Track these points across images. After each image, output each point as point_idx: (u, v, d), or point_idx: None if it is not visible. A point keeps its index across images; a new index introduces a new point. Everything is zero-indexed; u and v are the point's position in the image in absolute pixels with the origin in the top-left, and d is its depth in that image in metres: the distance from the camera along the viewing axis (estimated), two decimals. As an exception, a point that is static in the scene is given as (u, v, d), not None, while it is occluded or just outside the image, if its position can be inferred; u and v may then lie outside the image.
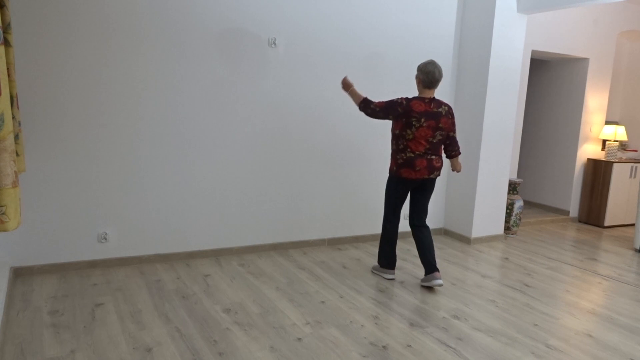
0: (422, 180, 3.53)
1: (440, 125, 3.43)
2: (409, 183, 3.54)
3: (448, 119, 3.48)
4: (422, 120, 3.38)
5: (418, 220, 3.67)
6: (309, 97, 4.26)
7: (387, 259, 3.75)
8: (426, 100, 3.42)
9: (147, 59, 3.60)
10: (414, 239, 3.67)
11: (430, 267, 3.57)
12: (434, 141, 3.45)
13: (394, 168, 3.53)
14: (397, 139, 3.48)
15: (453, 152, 3.66)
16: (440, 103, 3.46)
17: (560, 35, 5.61)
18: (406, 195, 3.64)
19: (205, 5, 3.72)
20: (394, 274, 3.77)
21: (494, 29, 4.60)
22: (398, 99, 3.44)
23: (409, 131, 3.41)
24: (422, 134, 3.40)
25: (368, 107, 3.50)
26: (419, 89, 3.50)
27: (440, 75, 3.41)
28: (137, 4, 3.50)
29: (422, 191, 3.62)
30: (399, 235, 4.95)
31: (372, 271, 3.90)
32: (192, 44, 3.73)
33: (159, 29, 3.60)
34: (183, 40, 3.69)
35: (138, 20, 3.52)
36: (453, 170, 3.76)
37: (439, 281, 3.52)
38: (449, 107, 3.51)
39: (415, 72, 4.71)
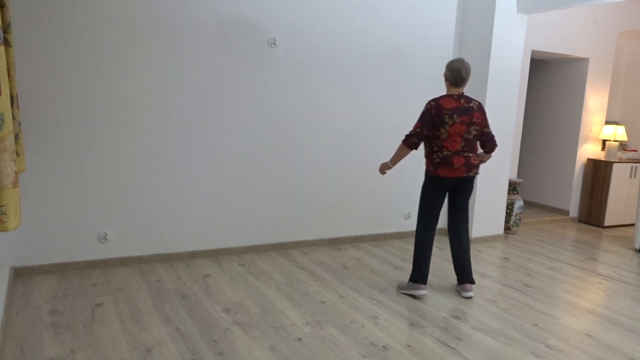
0: (461, 179, 3.37)
1: (473, 120, 3.30)
2: (447, 183, 3.37)
3: (480, 113, 3.35)
4: (455, 116, 3.26)
5: (457, 222, 3.53)
6: (309, 97, 4.26)
7: (421, 273, 3.43)
8: (455, 97, 3.31)
9: (147, 59, 3.60)
10: (453, 249, 3.53)
11: (466, 278, 3.49)
12: (470, 137, 3.32)
13: (431, 168, 3.37)
14: (431, 140, 3.34)
15: (491, 146, 3.48)
16: (470, 99, 3.35)
17: (560, 35, 5.61)
18: (444, 198, 3.45)
19: (205, 5, 3.72)
20: (425, 289, 3.44)
21: (494, 29, 4.60)
22: (426, 105, 3.32)
23: (442, 130, 3.27)
24: (456, 130, 3.27)
25: (410, 139, 3.31)
26: (446, 87, 3.38)
27: (468, 74, 3.30)
28: (136, 4, 3.50)
29: (460, 192, 3.46)
30: (400, 235, 4.95)
31: (398, 291, 3.53)
32: (191, 44, 3.73)
33: (158, 29, 3.60)
34: (183, 41, 3.69)
35: (138, 20, 3.52)
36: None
37: (470, 293, 3.46)
38: (480, 103, 3.39)
39: (414, 72, 4.71)
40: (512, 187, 5.28)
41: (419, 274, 3.42)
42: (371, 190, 4.72)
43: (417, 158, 4.90)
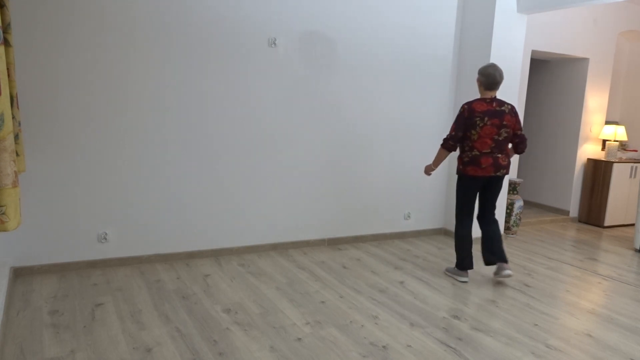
0: (489, 178, 3.63)
1: (504, 122, 3.52)
2: (477, 181, 3.63)
3: (512, 116, 3.56)
4: (486, 119, 3.48)
5: (487, 216, 3.78)
6: (309, 97, 4.26)
7: (463, 264, 3.76)
8: (487, 100, 3.54)
9: (147, 59, 3.60)
10: (485, 235, 3.76)
11: (500, 258, 3.72)
12: (500, 139, 3.54)
13: (460, 167, 3.64)
14: (462, 141, 3.60)
15: (523, 147, 3.70)
16: (502, 102, 3.57)
17: (560, 35, 5.61)
18: (476, 195, 3.72)
19: (205, 5, 3.72)
20: (468, 276, 3.78)
21: (494, 29, 4.60)
22: (460, 109, 3.58)
23: (473, 132, 3.52)
24: (487, 132, 3.50)
25: (447, 142, 3.60)
26: (480, 91, 3.62)
27: (501, 78, 3.54)
28: (136, 5, 3.50)
29: (490, 190, 3.71)
30: (400, 235, 4.95)
31: (445, 272, 3.93)
32: (191, 44, 3.73)
33: (158, 30, 3.60)
34: (183, 41, 3.69)
35: (138, 21, 3.52)
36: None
37: (509, 272, 3.66)
38: (512, 106, 3.60)
39: (414, 72, 4.71)
40: (512, 187, 5.28)
41: (461, 264, 3.77)
42: (371, 190, 4.72)
43: (418, 158, 4.91)
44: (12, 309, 2.93)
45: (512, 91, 4.85)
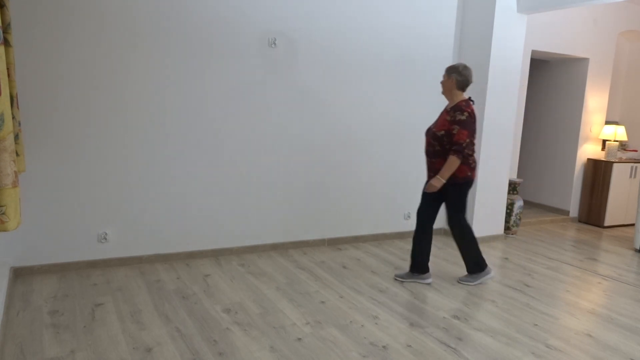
0: None
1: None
2: (472, 185, 3.58)
3: None
4: (475, 122, 3.44)
5: (433, 223, 3.70)
6: (308, 97, 4.26)
7: (479, 261, 3.68)
8: (471, 102, 3.49)
9: (147, 59, 3.60)
10: (426, 240, 3.68)
11: (427, 267, 3.71)
12: None
13: (469, 173, 3.47)
14: (468, 147, 3.36)
15: None
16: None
17: (560, 35, 5.61)
18: None
19: (205, 5, 3.72)
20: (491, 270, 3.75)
21: (494, 29, 4.60)
22: (463, 114, 3.35)
23: (475, 135, 3.45)
24: (475, 134, 3.47)
25: (462, 152, 3.34)
26: (452, 91, 3.45)
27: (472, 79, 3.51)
28: (137, 4, 3.50)
29: None
30: (400, 235, 4.95)
31: (467, 283, 3.70)
32: (191, 44, 3.73)
33: (158, 30, 3.60)
34: (183, 41, 3.69)
35: (138, 20, 3.52)
36: None
37: (431, 280, 3.77)
38: None
39: (414, 72, 4.70)
40: (512, 187, 5.28)
41: (482, 263, 3.69)
42: (371, 190, 4.72)
43: (418, 158, 4.90)
44: (12, 309, 2.93)
45: (512, 91, 4.85)
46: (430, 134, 3.52)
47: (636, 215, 5.07)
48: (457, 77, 3.41)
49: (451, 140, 3.38)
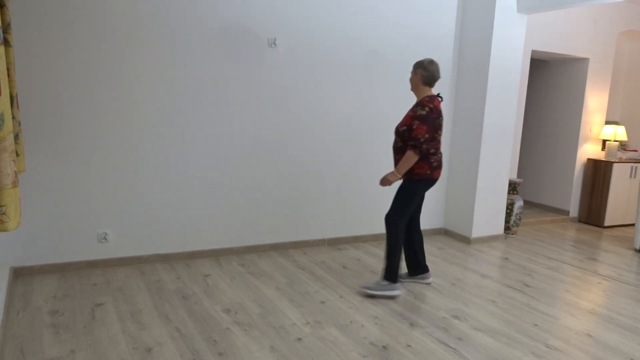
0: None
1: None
2: (434, 184, 3.42)
3: None
4: (441, 118, 3.32)
5: (418, 223, 3.67)
6: (308, 97, 4.26)
7: (396, 273, 3.39)
8: (438, 97, 3.35)
9: (147, 59, 3.60)
10: (414, 241, 3.62)
11: (425, 267, 3.72)
12: None
13: (428, 172, 3.32)
14: (428, 143, 3.23)
15: None
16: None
17: (560, 35, 5.61)
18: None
19: (205, 5, 3.72)
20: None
21: (494, 29, 4.60)
22: (425, 108, 3.24)
23: (439, 132, 3.32)
24: (442, 131, 3.36)
25: (420, 147, 3.21)
26: (419, 87, 3.35)
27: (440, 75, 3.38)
28: (137, 4, 3.50)
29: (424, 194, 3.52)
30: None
31: (373, 294, 3.38)
32: (191, 44, 3.73)
33: (158, 29, 3.60)
34: (183, 41, 3.69)
35: (138, 20, 3.52)
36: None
37: (432, 279, 3.80)
38: None
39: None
40: (512, 187, 5.28)
41: (396, 273, 3.39)
42: (371, 190, 4.72)
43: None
44: (12, 309, 2.93)
45: (512, 91, 4.85)
46: (395, 129, 3.45)
47: (636, 215, 5.07)
48: (423, 73, 3.31)
49: (411, 136, 3.27)
